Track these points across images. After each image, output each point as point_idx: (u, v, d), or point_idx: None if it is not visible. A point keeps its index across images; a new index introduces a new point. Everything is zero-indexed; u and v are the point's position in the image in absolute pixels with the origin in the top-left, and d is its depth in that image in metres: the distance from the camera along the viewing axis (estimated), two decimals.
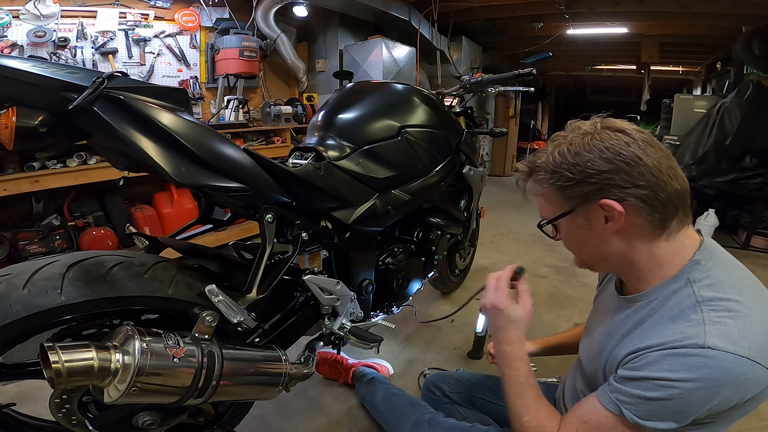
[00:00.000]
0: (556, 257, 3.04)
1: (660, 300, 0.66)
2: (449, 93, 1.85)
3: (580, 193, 0.65)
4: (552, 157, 0.66)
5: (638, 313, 0.68)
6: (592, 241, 0.69)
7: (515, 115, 6.78)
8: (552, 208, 0.71)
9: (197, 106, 3.34)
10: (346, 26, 4.03)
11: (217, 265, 0.96)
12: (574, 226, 0.70)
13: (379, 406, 1.31)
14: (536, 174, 0.70)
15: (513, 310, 0.80)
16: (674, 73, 7.27)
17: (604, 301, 0.84)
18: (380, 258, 1.42)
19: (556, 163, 0.66)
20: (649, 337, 0.63)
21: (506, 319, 0.79)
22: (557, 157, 0.66)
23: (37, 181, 2.09)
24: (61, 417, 0.81)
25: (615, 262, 0.70)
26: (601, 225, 0.66)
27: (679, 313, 0.62)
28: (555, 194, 0.68)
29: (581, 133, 0.66)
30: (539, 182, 0.70)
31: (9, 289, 0.70)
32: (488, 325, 0.83)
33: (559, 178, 0.66)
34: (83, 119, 0.72)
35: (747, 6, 3.70)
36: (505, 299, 0.81)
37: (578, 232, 0.70)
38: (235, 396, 0.93)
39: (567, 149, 0.65)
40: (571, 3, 4.21)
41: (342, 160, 1.17)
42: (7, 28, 2.34)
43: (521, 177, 0.74)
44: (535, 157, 0.71)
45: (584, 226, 0.68)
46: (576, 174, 0.64)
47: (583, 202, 0.66)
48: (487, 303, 0.82)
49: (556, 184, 0.67)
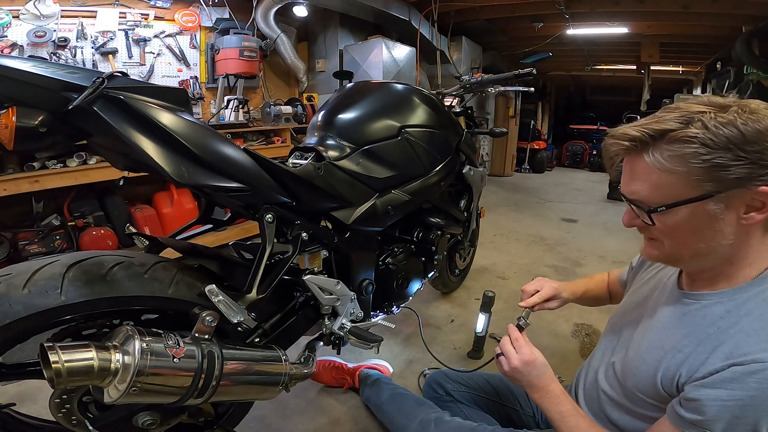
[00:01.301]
0: (556, 257, 3.04)
1: (737, 303, 0.61)
2: (449, 93, 1.84)
3: (738, 176, 0.55)
4: (718, 129, 0.54)
5: (707, 312, 0.64)
6: (711, 232, 0.60)
7: (515, 115, 6.78)
8: (671, 190, 0.59)
9: (197, 106, 3.34)
10: (346, 26, 4.03)
11: (217, 265, 0.96)
12: (701, 213, 0.59)
13: (385, 406, 1.31)
14: (672, 144, 0.57)
15: (540, 355, 0.85)
16: (674, 73, 7.27)
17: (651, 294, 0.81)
18: (380, 258, 1.41)
19: (727, 137, 0.54)
20: (727, 344, 0.59)
21: (541, 365, 0.84)
22: (727, 131, 0.54)
23: (37, 181, 2.09)
24: (61, 417, 0.81)
25: (714, 258, 0.63)
26: (738, 215, 0.58)
27: (760, 317, 0.58)
28: (695, 173, 0.56)
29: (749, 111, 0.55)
30: (675, 157, 0.57)
31: (9, 289, 0.70)
32: (520, 382, 0.86)
33: (723, 155, 0.54)
34: (83, 119, 0.72)
35: (747, 6, 3.70)
36: (531, 352, 0.85)
37: (700, 221, 0.59)
38: (235, 396, 0.93)
39: (741, 123, 0.54)
40: (571, 3, 4.21)
41: (342, 160, 1.17)
42: (7, 28, 2.34)
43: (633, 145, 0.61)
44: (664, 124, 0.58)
45: (714, 214, 0.58)
46: (748, 154, 0.54)
47: (731, 187, 0.56)
48: (518, 364, 0.84)
49: (713, 162, 0.55)
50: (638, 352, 0.74)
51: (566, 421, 0.78)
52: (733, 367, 0.57)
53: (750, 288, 0.62)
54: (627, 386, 0.75)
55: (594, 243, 3.37)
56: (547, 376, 0.84)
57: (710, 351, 0.61)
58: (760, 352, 0.56)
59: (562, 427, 0.79)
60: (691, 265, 0.68)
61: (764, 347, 0.56)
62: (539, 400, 0.83)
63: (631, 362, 0.75)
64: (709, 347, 0.61)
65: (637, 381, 0.72)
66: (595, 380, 0.87)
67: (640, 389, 0.72)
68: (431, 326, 2.02)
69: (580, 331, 2.03)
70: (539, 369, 0.84)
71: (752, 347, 0.57)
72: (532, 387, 0.84)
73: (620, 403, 0.79)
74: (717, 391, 0.57)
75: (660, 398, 0.69)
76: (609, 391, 0.82)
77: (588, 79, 9.08)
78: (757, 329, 0.58)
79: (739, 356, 0.57)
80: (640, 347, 0.74)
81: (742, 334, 0.59)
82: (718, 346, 0.60)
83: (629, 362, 0.75)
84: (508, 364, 0.85)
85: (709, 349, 0.61)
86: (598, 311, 2.20)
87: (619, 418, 0.79)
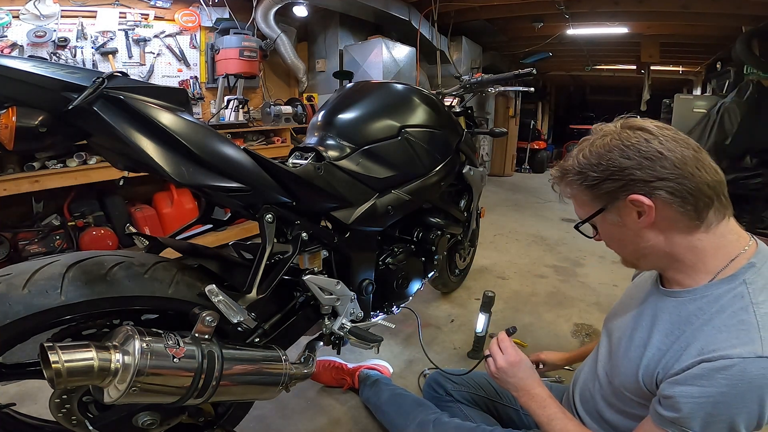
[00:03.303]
0: (556, 257, 3.04)
1: (710, 299, 0.65)
2: (449, 93, 1.84)
3: (607, 191, 0.68)
4: (577, 159, 0.71)
5: (682, 309, 0.68)
6: (629, 237, 0.71)
7: (515, 115, 6.78)
8: (585, 209, 0.74)
9: (197, 106, 3.34)
10: (346, 26, 4.03)
11: (217, 265, 0.96)
12: (609, 224, 0.72)
13: (385, 406, 1.31)
14: (566, 177, 0.73)
15: (525, 359, 0.90)
16: (674, 73, 7.27)
17: (638, 295, 0.83)
18: (380, 258, 1.41)
19: (581, 164, 0.70)
20: (699, 341, 0.62)
21: (527, 367, 0.89)
22: (581, 159, 0.70)
23: (37, 181, 2.09)
24: (61, 417, 0.81)
25: (656, 257, 0.71)
26: (634, 220, 0.67)
27: (732, 315, 0.61)
28: (585, 194, 0.72)
29: (602, 135, 0.70)
30: (569, 184, 0.74)
31: (9, 289, 0.70)
32: (506, 383, 0.90)
33: (586, 178, 0.69)
34: (83, 119, 0.72)
35: (747, 6, 3.70)
36: (516, 353, 0.90)
37: (614, 229, 0.72)
38: (235, 396, 0.93)
39: (589, 151, 0.69)
40: (571, 3, 4.21)
41: (342, 160, 1.17)
42: (7, 28, 2.34)
43: (555, 181, 0.78)
44: (564, 161, 0.75)
45: (618, 223, 0.70)
46: (600, 173, 0.67)
47: (612, 200, 0.68)
48: (504, 364, 0.89)
49: (584, 185, 0.70)
50: (623, 351, 0.76)
51: (553, 424, 0.80)
52: (703, 363, 0.59)
53: (722, 284, 0.64)
54: (615, 385, 0.77)
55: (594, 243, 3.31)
56: (533, 379, 0.88)
57: (684, 348, 0.63)
58: (729, 348, 0.58)
59: (550, 430, 0.80)
60: (643, 265, 0.76)
61: (734, 343, 0.58)
62: (526, 403, 0.86)
63: (617, 361, 0.77)
64: (683, 344, 0.64)
65: (623, 380, 0.74)
66: (589, 380, 0.89)
67: (627, 388, 0.74)
68: (431, 326, 2.03)
69: (580, 331, 2.03)
70: (524, 371, 0.88)
71: (722, 343, 0.59)
72: (518, 389, 0.88)
73: (611, 403, 0.80)
74: (689, 388, 0.60)
75: (644, 396, 0.71)
76: (601, 391, 0.83)
77: (588, 79, 9.08)
78: (729, 325, 0.60)
79: (708, 352, 0.59)
80: (624, 346, 0.76)
81: (714, 331, 0.61)
82: (691, 343, 0.63)
83: (616, 362, 0.78)
84: (495, 365, 0.91)
85: (683, 345, 0.64)
86: (598, 311, 2.20)
87: (611, 417, 0.80)
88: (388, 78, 3.73)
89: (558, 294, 2.43)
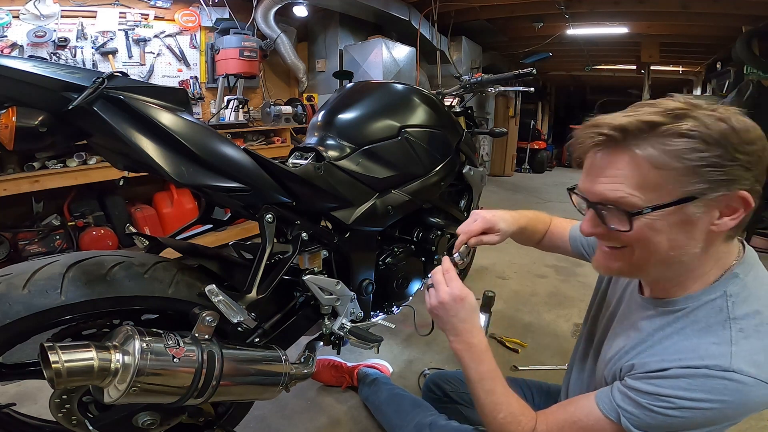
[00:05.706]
0: (556, 257, 3.04)
1: (689, 310, 0.60)
2: (449, 93, 1.84)
3: (727, 178, 0.51)
4: (714, 125, 0.50)
5: (661, 320, 0.62)
6: (684, 238, 0.55)
7: (515, 115, 6.79)
8: (658, 190, 0.53)
9: (197, 106, 3.34)
10: (346, 26, 4.03)
11: (217, 265, 0.96)
12: (677, 218, 0.54)
13: (383, 406, 1.31)
14: (669, 139, 0.52)
15: (471, 297, 0.74)
16: (674, 73, 7.27)
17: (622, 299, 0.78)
18: (380, 258, 1.41)
19: (724, 134, 0.50)
20: (669, 350, 0.58)
21: (470, 308, 0.74)
22: (725, 128, 0.50)
23: (37, 181, 2.09)
24: (61, 417, 0.81)
25: (678, 266, 0.59)
26: (710, 220, 0.54)
27: (706, 327, 0.57)
28: (687, 171, 0.51)
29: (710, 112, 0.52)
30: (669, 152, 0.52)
31: (9, 289, 0.70)
32: (444, 322, 0.76)
33: (718, 153, 0.50)
34: (83, 119, 0.72)
35: (747, 6, 3.70)
36: (462, 288, 0.74)
37: (677, 225, 0.54)
38: (235, 396, 0.93)
39: (736, 121, 0.51)
40: (571, 3, 4.21)
41: (342, 160, 1.17)
42: (7, 28, 2.34)
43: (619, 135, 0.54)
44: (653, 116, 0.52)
45: (692, 218, 0.53)
46: (741, 153, 0.50)
47: (721, 188, 0.51)
48: (446, 298, 0.73)
49: (709, 160, 0.50)
50: (602, 360, 0.72)
51: (483, 383, 0.71)
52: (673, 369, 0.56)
53: (702, 296, 0.60)
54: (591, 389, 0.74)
55: None
56: (474, 324, 0.74)
57: (653, 354, 0.60)
58: (696, 360, 0.55)
59: (478, 388, 0.72)
60: (651, 275, 0.63)
61: (701, 354, 0.55)
62: (461, 352, 0.74)
63: (598, 371, 0.74)
64: (654, 351, 0.61)
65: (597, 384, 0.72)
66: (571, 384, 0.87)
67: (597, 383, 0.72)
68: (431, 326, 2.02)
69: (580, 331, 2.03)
70: (467, 311, 0.74)
71: (689, 353, 0.56)
72: (456, 332, 0.74)
73: None
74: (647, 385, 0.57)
75: None
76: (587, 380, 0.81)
77: (588, 79, 9.07)
78: (701, 336, 0.57)
79: (674, 360, 0.56)
80: (605, 355, 0.72)
81: (684, 340, 0.58)
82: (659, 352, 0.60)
83: (597, 371, 0.74)
84: (436, 297, 0.75)
85: (653, 352, 0.60)
86: None
87: None
88: (388, 78, 3.73)
89: (558, 294, 2.43)
